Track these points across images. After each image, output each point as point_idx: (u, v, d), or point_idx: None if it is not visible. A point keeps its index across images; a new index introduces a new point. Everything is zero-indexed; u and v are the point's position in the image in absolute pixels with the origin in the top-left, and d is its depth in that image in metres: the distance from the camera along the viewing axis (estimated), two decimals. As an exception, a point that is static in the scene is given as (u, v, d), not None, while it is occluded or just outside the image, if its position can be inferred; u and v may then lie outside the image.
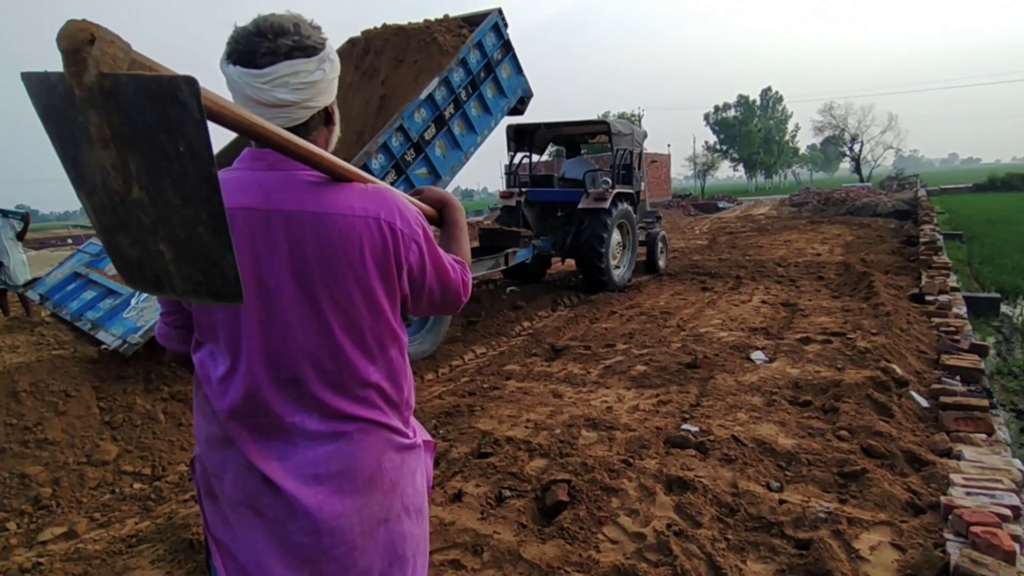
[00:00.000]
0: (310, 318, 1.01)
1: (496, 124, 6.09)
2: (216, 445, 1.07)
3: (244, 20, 1.00)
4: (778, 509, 2.32)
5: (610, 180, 7.73)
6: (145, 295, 4.03)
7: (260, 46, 0.95)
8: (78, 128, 0.73)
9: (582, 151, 9.29)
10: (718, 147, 67.20)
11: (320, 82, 1.01)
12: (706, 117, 68.39)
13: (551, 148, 14.43)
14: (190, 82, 0.68)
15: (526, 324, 6.25)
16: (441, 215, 1.29)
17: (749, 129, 64.39)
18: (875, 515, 2.25)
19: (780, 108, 69.58)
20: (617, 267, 7.77)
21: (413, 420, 1.23)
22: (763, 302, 6.37)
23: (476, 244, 6.83)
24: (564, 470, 2.70)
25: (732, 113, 67.06)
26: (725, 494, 2.45)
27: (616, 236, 7.60)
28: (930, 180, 41.52)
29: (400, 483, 1.14)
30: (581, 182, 7.77)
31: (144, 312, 3.94)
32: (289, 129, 0.95)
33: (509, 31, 5.93)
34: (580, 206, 7.33)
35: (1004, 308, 6.93)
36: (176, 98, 0.68)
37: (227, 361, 1.03)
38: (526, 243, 6.95)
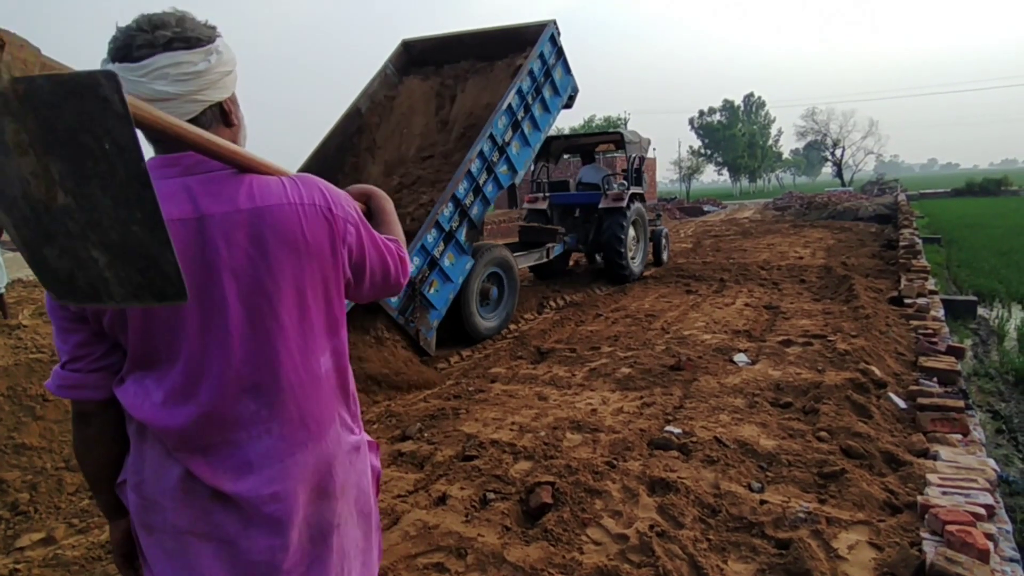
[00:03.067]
0: (260, 321, 0.98)
1: (554, 120, 6.79)
2: (156, 472, 1.01)
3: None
4: (759, 509, 2.35)
5: (626, 183, 8.90)
6: None
7: (137, 39, 0.90)
8: None
9: (595, 158, 10.15)
10: (703, 151, 67.85)
11: (207, 73, 0.95)
12: (691, 121, 69.06)
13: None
14: (110, 76, 0.65)
15: (512, 327, 6.25)
16: (368, 207, 1.28)
17: (733, 133, 65.08)
18: (853, 515, 2.29)
19: (763, 113, 70.39)
20: (633, 259, 8.63)
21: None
22: (746, 305, 6.43)
23: (517, 240, 7.91)
24: (548, 472, 2.71)
25: (717, 118, 67.76)
26: (707, 495, 2.48)
27: (631, 232, 8.52)
28: (910, 185, 42.27)
29: (350, 487, 1.14)
30: (597, 185, 8.91)
31: None
32: None
33: (562, 38, 6.58)
34: (601, 206, 8.35)
35: (981, 311, 7.07)
36: (97, 94, 0.66)
37: (170, 383, 0.97)
38: (561, 239, 7.94)
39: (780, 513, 2.29)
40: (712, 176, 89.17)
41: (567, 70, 6.73)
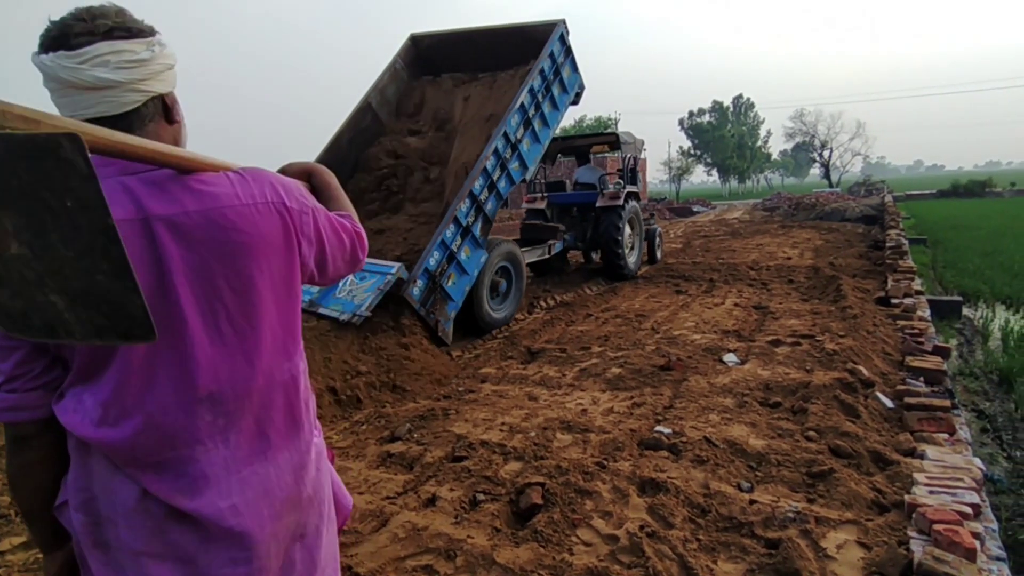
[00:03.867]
0: (216, 326, 0.94)
1: (562, 117, 6.96)
2: (107, 488, 0.96)
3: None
4: (748, 509, 2.35)
5: (622, 181, 9.16)
6: (351, 280, 4.75)
7: (75, 28, 0.88)
8: None
9: (589, 159, 10.31)
10: (692, 152, 68.16)
11: (150, 63, 0.93)
12: (681, 122, 69.36)
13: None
14: (72, 138, 0.64)
15: (502, 327, 6.24)
16: (311, 184, 1.26)
17: (723, 134, 65.44)
18: (842, 514, 2.30)
19: (752, 114, 70.84)
20: (630, 256, 8.86)
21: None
22: (735, 305, 6.46)
23: (519, 238, 7.96)
24: (538, 473, 2.70)
25: (706, 119, 68.10)
26: (697, 495, 2.48)
27: (628, 230, 8.78)
28: (896, 186, 42.73)
29: (317, 496, 1.11)
30: (593, 185, 9.17)
31: (355, 293, 4.67)
32: (120, 115, 0.91)
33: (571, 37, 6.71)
34: (598, 204, 8.63)
35: (966, 311, 7.14)
36: (58, 155, 0.65)
37: (116, 395, 0.91)
38: (561, 236, 8.25)
39: (769, 513, 2.29)
40: (702, 177, 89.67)
41: (574, 68, 6.87)
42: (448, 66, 7.19)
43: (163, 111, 0.98)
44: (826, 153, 56.34)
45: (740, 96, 70.31)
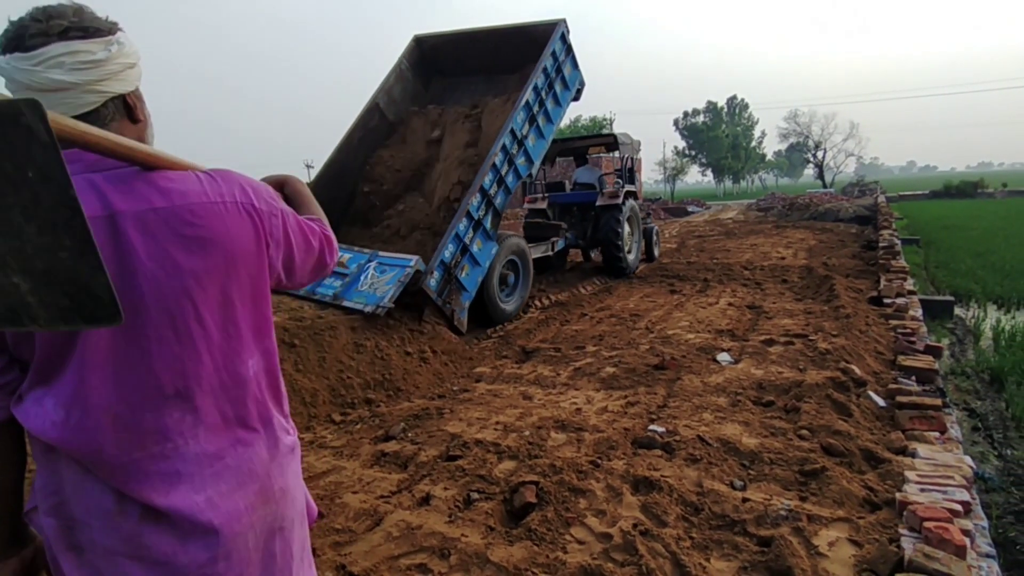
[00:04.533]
0: (182, 324, 0.93)
1: (564, 112, 7.19)
2: (78, 490, 0.94)
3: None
4: (741, 507, 2.36)
5: (621, 181, 9.39)
6: (372, 273, 4.99)
7: (30, 28, 0.86)
8: None
9: (587, 160, 10.52)
10: (687, 152, 68.32)
11: (106, 63, 0.91)
12: (675, 122, 69.53)
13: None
14: (32, 104, 0.63)
15: (497, 326, 6.25)
16: (284, 193, 1.26)
17: (717, 135, 65.61)
18: (834, 512, 2.31)
19: (746, 115, 71.07)
20: (629, 253, 9.07)
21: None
22: (729, 304, 6.49)
23: (523, 235, 7.94)
24: (533, 472, 2.70)
25: (701, 119, 68.27)
26: (690, 493, 2.49)
27: (627, 228, 8.98)
28: (890, 187, 42.94)
29: (288, 489, 1.10)
30: (592, 185, 9.39)
31: (376, 286, 4.89)
32: (78, 117, 0.87)
33: (571, 36, 6.93)
34: (598, 204, 8.85)
35: (958, 310, 7.20)
36: (18, 122, 0.63)
37: (79, 396, 0.89)
38: (563, 234, 8.49)
39: (762, 511, 2.31)
40: (696, 177, 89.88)
41: (575, 65, 7.08)
42: (452, 66, 7.43)
43: (125, 110, 0.97)
44: (820, 154, 56.57)
45: (734, 97, 70.55)
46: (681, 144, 69.04)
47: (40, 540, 1.02)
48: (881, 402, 3.39)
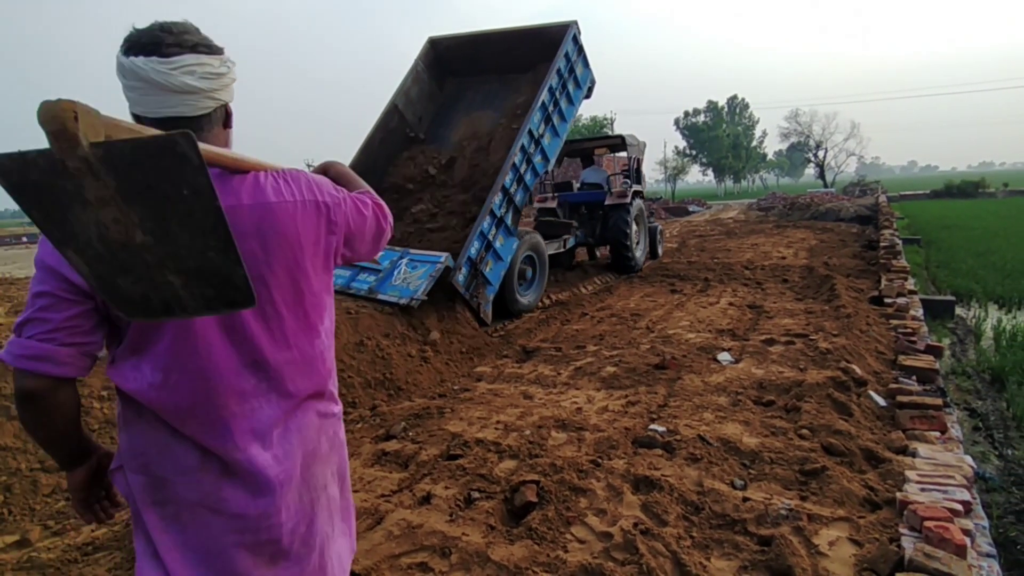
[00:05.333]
0: (259, 305, 1.08)
1: (577, 110, 7.46)
2: (164, 450, 1.09)
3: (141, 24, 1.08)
4: (741, 507, 2.36)
5: (629, 181, 9.65)
6: (403, 269, 5.31)
7: (166, 39, 1.02)
8: (67, 195, 0.79)
9: (593, 161, 10.89)
10: (688, 152, 68.27)
11: (223, 76, 1.09)
12: (676, 122, 69.48)
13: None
14: (186, 136, 0.76)
15: (497, 325, 6.25)
16: (329, 176, 1.38)
17: (718, 134, 65.58)
18: (834, 511, 2.31)
19: (747, 115, 71.00)
20: (636, 250, 9.35)
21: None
22: (730, 304, 6.48)
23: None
24: (533, 471, 2.71)
25: (701, 119, 68.22)
26: (691, 493, 2.49)
27: (634, 226, 9.26)
28: (891, 186, 42.92)
29: (334, 452, 1.28)
30: (600, 185, 9.73)
31: (409, 280, 5.20)
32: (194, 117, 1.06)
33: (582, 37, 7.19)
34: (606, 203, 9.13)
35: (959, 310, 7.19)
36: (175, 151, 0.77)
37: (175, 360, 1.04)
38: (574, 232, 8.69)
39: (762, 510, 2.31)
40: (697, 176, 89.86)
41: (586, 64, 7.34)
42: (465, 67, 7.66)
43: (224, 117, 1.15)
44: (821, 153, 56.46)
45: (735, 96, 70.51)
46: (682, 144, 69.05)
47: (103, 449, 1.22)
48: (882, 402, 3.39)
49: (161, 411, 1.06)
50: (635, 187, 9.55)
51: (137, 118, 1.05)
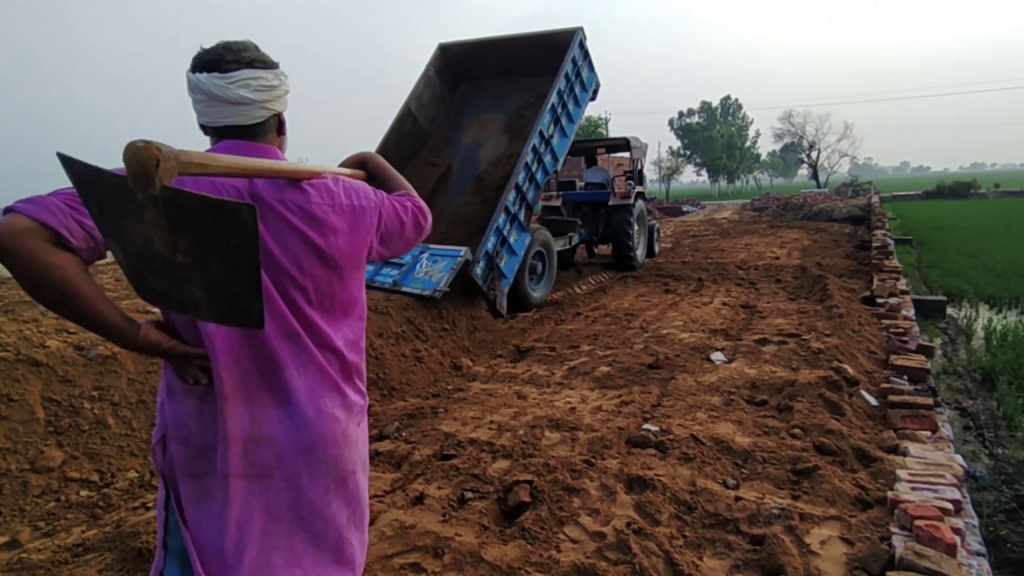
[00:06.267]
0: (292, 288, 1.18)
1: (583, 112, 7.73)
2: (206, 421, 1.18)
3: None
4: (734, 506, 2.37)
5: (632, 182, 10.01)
6: (425, 263, 5.58)
7: (226, 56, 1.14)
8: (127, 210, 0.88)
9: (596, 161, 11.08)
10: (682, 152, 68.43)
11: (276, 88, 1.20)
12: (670, 122, 69.66)
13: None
14: (250, 208, 0.86)
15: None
16: (367, 170, 1.50)
17: (712, 135, 65.74)
18: (826, 510, 2.32)
19: (741, 115, 71.22)
20: (638, 248, 9.67)
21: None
22: (724, 304, 6.51)
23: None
24: (527, 471, 2.71)
25: (696, 119, 68.39)
26: (683, 492, 2.49)
27: (636, 226, 9.56)
28: (883, 187, 43.16)
29: (361, 441, 1.36)
30: (602, 185, 9.92)
31: (431, 274, 5.45)
32: (248, 126, 1.18)
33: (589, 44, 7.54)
34: (610, 203, 9.46)
35: (950, 310, 7.24)
36: (237, 215, 0.86)
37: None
38: (579, 230, 9.03)
39: (754, 509, 2.31)
40: (691, 177, 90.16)
41: (591, 68, 7.64)
42: (475, 71, 7.96)
43: (278, 125, 1.26)
44: (814, 154, 56.75)
45: (728, 97, 70.71)
46: (676, 144, 69.19)
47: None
48: (873, 401, 3.40)
49: (218, 359, 1.14)
50: (638, 188, 9.86)
51: (203, 127, 1.20)
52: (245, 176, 1.09)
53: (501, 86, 7.83)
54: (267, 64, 1.19)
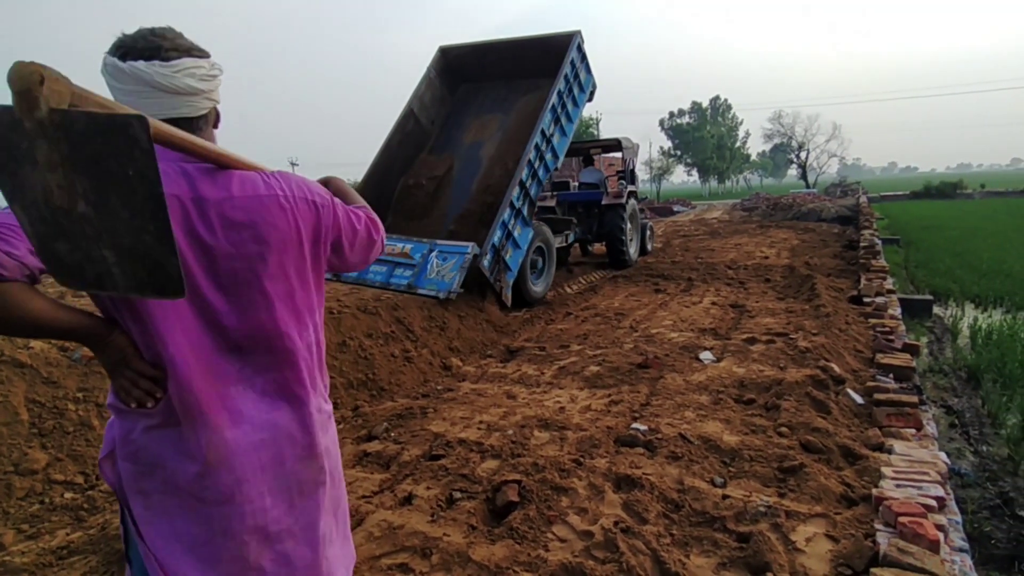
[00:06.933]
0: (245, 293, 1.11)
1: (581, 112, 7.99)
2: (154, 436, 1.11)
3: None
4: (721, 504, 2.38)
5: (624, 182, 10.16)
6: (435, 262, 5.74)
7: (163, 43, 1.06)
8: (20, 152, 0.82)
9: (592, 161, 11.34)
10: (673, 152, 68.72)
11: (216, 78, 1.14)
12: (661, 123, 69.91)
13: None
14: (140, 119, 0.79)
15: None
16: (329, 189, 1.40)
17: (702, 135, 66.05)
18: (811, 508, 2.34)
19: (730, 115, 71.61)
20: (631, 246, 9.92)
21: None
22: (713, 303, 6.54)
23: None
24: (515, 471, 2.71)
25: (686, 119, 68.69)
26: (671, 491, 2.51)
27: (629, 224, 9.79)
28: (871, 187, 43.53)
29: (329, 449, 1.29)
30: (596, 185, 10.16)
31: (443, 273, 5.65)
32: (192, 118, 1.11)
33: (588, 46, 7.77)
34: (603, 202, 9.64)
35: (936, 309, 7.32)
36: (127, 132, 0.79)
37: (156, 339, 1.06)
38: (574, 228, 9.23)
39: (741, 507, 2.33)
40: (682, 177, 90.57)
41: (588, 71, 7.89)
42: (475, 73, 8.16)
43: (214, 118, 1.19)
44: (803, 154, 57.13)
45: (717, 97, 71.07)
46: (667, 144, 69.47)
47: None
48: (859, 399, 3.43)
49: (174, 370, 1.08)
50: (630, 188, 10.06)
51: None
52: (173, 148, 0.98)
53: (500, 87, 8.04)
54: (204, 53, 1.12)
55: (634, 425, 3.19)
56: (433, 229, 6.78)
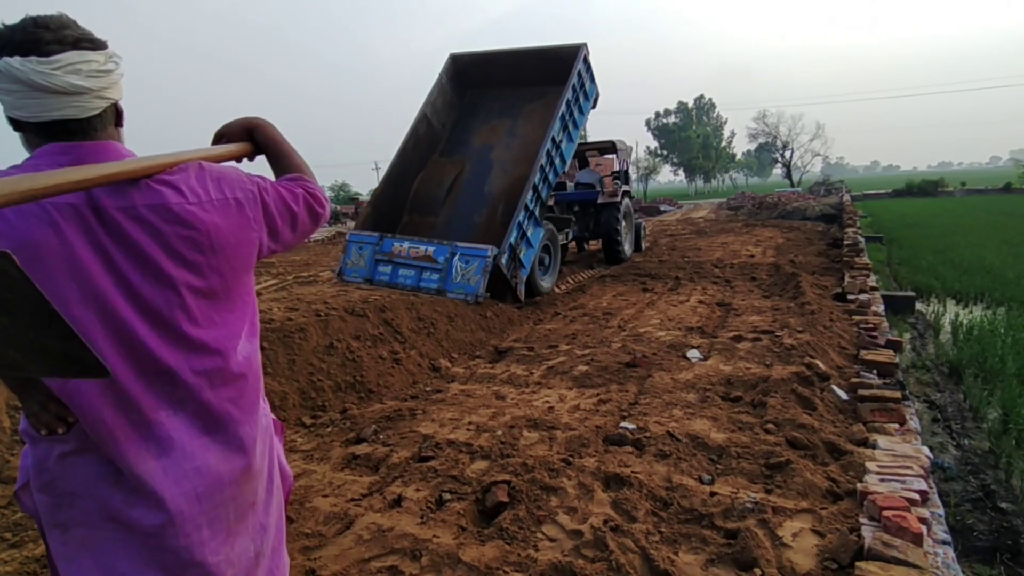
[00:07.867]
0: (166, 311, 1.02)
1: (586, 119, 8.46)
2: (70, 463, 1.01)
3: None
4: (709, 501, 2.40)
5: (619, 182, 10.72)
6: (458, 265, 6.14)
7: (44, 36, 0.94)
8: None
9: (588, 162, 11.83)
10: (659, 152, 69.11)
11: (112, 73, 1.02)
12: (647, 123, 70.33)
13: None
14: (3, 255, 0.70)
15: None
16: (255, 140, 1.30)
17: (688, 135, 66.50)
18: (798, 503, 2.36)
19: (715, 115, 72.16)
20: (626, 244, 10.43)
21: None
22: (700, 302, 6.58)
23: None
24: (505, 471, 2.71)
25: (672, 119, 69.12)
26: (660, 488, 2.52)
27: (623, 222, 10.30)
28: (854, 186, 44.07)
29: (265, 466, 1.22)
30: (593, 185, 10.47)
31: (468, 276, 6.08)
32: (84, 119, 0.99)
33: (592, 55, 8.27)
34: (599, 201, 10.11)
35: (919, 306, 7.42)
36: None
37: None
38: (573, 227, 9.68)
39: (729, 504, 2.35)
40: (669, 176, 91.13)
41: (592, 80, 8.35)
42: (483, 80, 8.61)
43: (115, 116, 1.07)
44: (788, 153, 57.64)
45: (701, 96, 71.63)
46: (653, 144, 69.87)
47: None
48: (844, 396, 3.47)
49: (80, 410, 1.00)
50: (624, 187, 10.61)
51: (16, 123, 0.98)
52: (75, 190, 0.89)
53: (507, 94, 8.50)
54: (95, 44, 0.99)
55: (623, 424, 3.21)
56: (448, 228, 7.31)
